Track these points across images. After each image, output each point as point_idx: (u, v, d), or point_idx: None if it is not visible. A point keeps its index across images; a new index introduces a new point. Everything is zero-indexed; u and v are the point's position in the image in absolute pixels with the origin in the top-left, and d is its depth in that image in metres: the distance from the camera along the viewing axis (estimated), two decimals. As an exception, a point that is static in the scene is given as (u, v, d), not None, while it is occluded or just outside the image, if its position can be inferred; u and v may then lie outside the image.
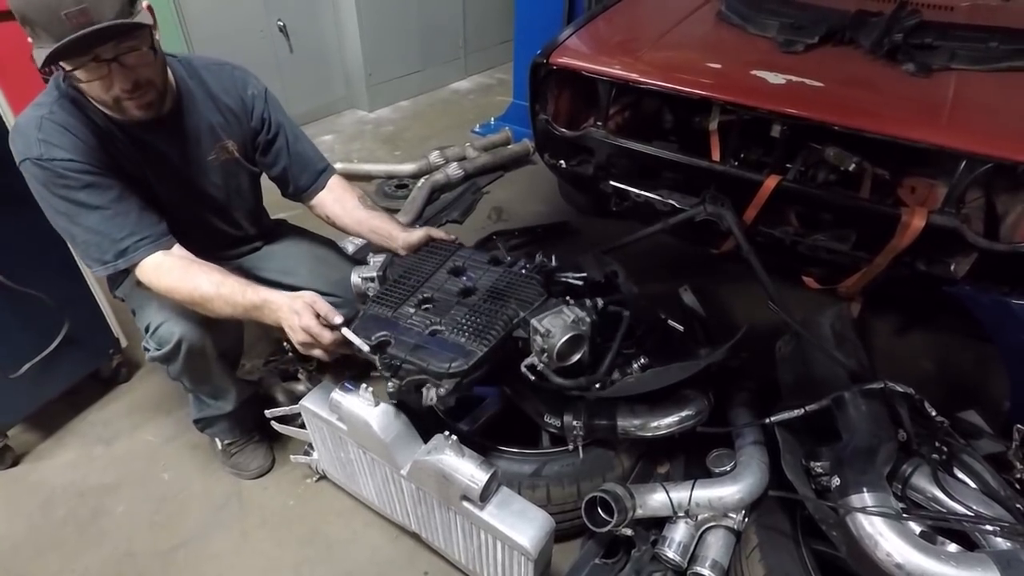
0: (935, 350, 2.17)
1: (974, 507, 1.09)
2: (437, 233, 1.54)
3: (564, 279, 1.40)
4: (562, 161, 2.24)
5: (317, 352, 1.23)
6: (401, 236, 1.51)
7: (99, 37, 1.07)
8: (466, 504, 1.18)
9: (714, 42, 2.16)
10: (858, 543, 1.05)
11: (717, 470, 1.35)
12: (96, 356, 1.87)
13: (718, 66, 1.93)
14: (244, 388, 1.64)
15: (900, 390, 1.23)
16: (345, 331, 1.21)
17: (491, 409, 1.60)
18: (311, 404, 1.41)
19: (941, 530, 1.10)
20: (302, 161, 1.57)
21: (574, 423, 1.38)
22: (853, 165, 1.77)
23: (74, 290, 1.73)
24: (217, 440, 1.69)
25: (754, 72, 1.84)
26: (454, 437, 1.19)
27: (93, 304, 1.80)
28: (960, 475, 1.19)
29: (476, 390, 1.64)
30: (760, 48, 2.03)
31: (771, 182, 1.75)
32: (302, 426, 1.54)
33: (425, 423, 1.36)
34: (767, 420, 1.30)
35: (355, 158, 3.59)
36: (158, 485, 1.69)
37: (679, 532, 1.30)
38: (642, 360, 1.39)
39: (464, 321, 1.25)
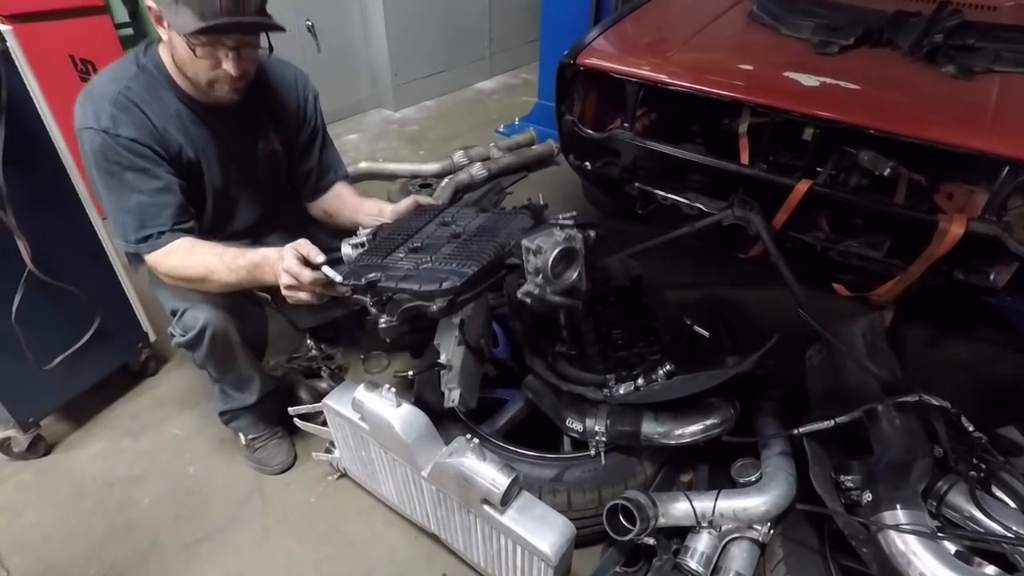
0: (971, 362, 2.10)
1: (1013, 527, 1.05)
2: (424, 199, 1.54)
3: (554, 220, 1.37)
4: (587, 162, 2.22)
5: (303, 295, 1.22)
6: (389, 207, 1.54)
7: (248, 28, 1.17)
8: (486, 508, 1.18)
9: (745, 43, 2.12)
10: (890, 561, 1.02)
11: (742, 480, 1.33)
12: (125, 349, 1.91)
13: (750, 68, 1.89)
14: (268, 380, 1.66)
15: (936, 403, 1.20)
16: (325, 268, 1.20)
17: (512, 412, 1.59)
18: (334, 403, 1.43)
19: (978, 550, 1.07)
20: (326, 165, 1.66)
21: (596, 428, 1.36)
22: (888, 170, 1.71)
23: (105, 285, 1.77)
24: (241, 435, 1.72)
25: (787, 74, 1.80)
26: (476, 440, 1.19)
27: (123, 298, 1.84)
28: (998, 493, 1.15)
29: (497, 393, 1.64)
30: (793, 49, 1.98)
31: (802, 186, 1.71)
32: (324, 424, 1.55)
33: (446, 425, 1.36)
34: (795, 431, 1.27)
35: (380, 157, 3.61)
36: (183, 478, 1.72)
37: (702, 542, 1.28)
38: (668, 367, 1.37)
39: (455, 253, 1.21)
